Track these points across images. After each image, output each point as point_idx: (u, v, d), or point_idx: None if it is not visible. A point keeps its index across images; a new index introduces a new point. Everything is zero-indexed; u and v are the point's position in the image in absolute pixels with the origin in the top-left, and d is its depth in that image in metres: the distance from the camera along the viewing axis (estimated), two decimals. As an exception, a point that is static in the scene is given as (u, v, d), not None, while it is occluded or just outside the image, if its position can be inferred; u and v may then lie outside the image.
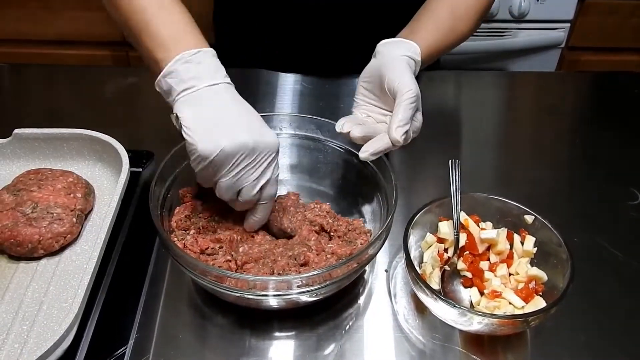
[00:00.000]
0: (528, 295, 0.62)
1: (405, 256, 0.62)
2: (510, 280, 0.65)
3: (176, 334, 0.64)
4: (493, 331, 0.60)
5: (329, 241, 0.68)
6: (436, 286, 0.63)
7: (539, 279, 0.64)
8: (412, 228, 0.66)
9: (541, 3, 1.71)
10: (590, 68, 1.83)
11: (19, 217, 0.69)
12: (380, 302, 0.68)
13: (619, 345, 0.64)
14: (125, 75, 1.04)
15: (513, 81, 1.14)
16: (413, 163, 0.88)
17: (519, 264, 0.66)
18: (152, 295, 0.67)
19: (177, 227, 0.67)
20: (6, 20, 1.75)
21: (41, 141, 0.79)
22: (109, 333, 0.62)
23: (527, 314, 0.58)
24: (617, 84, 1.09)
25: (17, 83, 1.08)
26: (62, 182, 0.73)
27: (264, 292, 0.57)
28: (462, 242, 0.67)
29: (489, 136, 0.97)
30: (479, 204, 0.70)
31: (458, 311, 0.58)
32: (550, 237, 0.65)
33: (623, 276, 0.71)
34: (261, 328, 0.64)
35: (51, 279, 0.66)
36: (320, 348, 0.63)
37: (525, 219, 0.67)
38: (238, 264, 0.63)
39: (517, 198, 0.68)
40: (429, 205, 0.68)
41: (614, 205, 0.81)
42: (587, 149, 0.92)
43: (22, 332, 0.60)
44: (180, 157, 0.67)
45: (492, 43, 1.78)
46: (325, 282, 0.58)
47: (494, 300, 0.63)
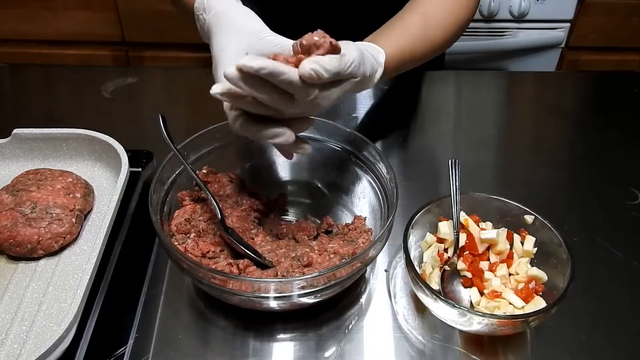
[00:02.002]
0: (528, 295, 0.62)
1: (405, 256, 0.62)
2: (510, 280, 0.65)
3: (176, 334, 0.64)
4: (493, 331, 0.60)
5: (330, 241, 0.68)
6: (436, 286, 0.63)
7: (539, 279, 0.64)
8: (412, 228, 0.65)
9: (541, 3, 1.71)
10: (590, 68, 1.83)
11: (18, 217, 0.69)
12: (380, 302, 0.67)
13: (619, 345, 0.64)
14: (124, 75, 1.04)
15: (513, 81, 1.14)
16: (413, 163, 0.88)
17: (519, 264, 0.66)
18: (152, 296, 0.67)
19: (177, 230, 0.67)
20: (6, 20, 1.76)
21: (40, 141, 0.79)
22: (108, 333, 0.62)
23: (527, 314, 0.58)
24: (617, 84, 1.08)
25: (17, 83, 1.07)
26: (62, 182, 0.73)
27: (267, 294, 0.57)
28: (462, 242, 0.67)
29: (489, 136, 0.97)
30: (479, 204, 0.70)
31: (458, 311, 0.58)
32: (551, 237, 0.65)
33: (623, 276, 0.71)
34: (261, 328, 0.64)
35: (50, 279, 0.66)
36: (320, 349, 0.62)
37: (525, 219, 0.67)
38: (240, 267, 0.63)
39: (517, 198, 0.68)
40: (428, 205, 0.68)
41: (614, 205, 0.81)
42: (587, 149, 0.92)
43: (21, 333, 0.60)
44: (178, 161, 0.67)
45: (492, 43, 1.78)
46: (330, 282, 0.58)
47: (493, 300, 0.63)
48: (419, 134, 0.95)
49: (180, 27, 1.67)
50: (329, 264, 0.63)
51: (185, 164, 0.67)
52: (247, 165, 0.77)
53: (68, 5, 1.72)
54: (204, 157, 0.73)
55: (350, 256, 0.64)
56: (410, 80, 1.04)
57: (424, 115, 1.00)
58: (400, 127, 0.95)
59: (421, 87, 1.04)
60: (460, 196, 0.68)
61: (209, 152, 0.73)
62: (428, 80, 1.04)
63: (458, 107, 1.03)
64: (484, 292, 0.64)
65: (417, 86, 1.04)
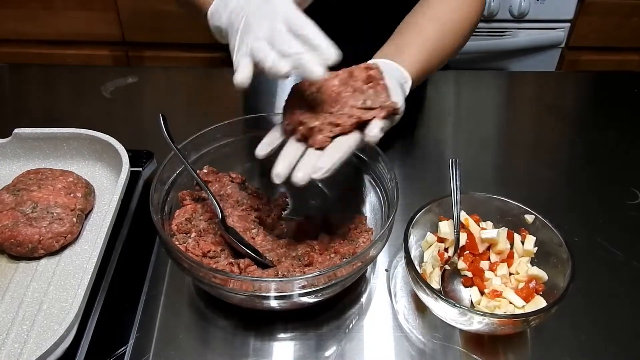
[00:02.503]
0: (528, 294, 0.62)
1: (406, 255, 0.62)
2: (511, 279, 0.65)
3: (176, 334, 0.64)
4: (493, 331, 0.60)
5: (330, 240, 0.68)
6: (437, 285, 0.63)
7: (540, 279, 0.64)
8: (412, 227, 0.66)
9: (541, 3, 1.71)
10: (590, 68, 1.83)
11: (19, 217, 0.69)
12: (380, 302, 0.68)
13: (619, 345, 0.64)
14: (125, 75, 1.04)
15: (513, 81, 1.14)
16: (413, 163, 0.88)
17: (520, 264, 0.66)
18: (152, 295, 0.67)
19: (178, 230, 0.67)
20: (6, 20, 1.75)
21: (41, 141, 0.79)
22: (109, 333, 0.62)
23: (528, 314, 0.58)
24: (617, 84, 1.08)
25: (17, 83, 1.08)
26: (62, 182, 0.73)
27: (268, 294, 0.57)
28: (462, 241, 0.67)
29: (489, 136, 0.97)
30: (479, 203, 0.70)
31: (458, 311, 0.58)
32: (551, 237, 0.65)
33: (623, 276, 0.71)
34: (262, 328, 0.64)
35: (51, 278, 0.66)
36: (321, 348, 0.63)
37: (526, 218, 0.67)
38: (241, 266, 0.63)
39: (517, 198, 0.68)
40: (429, 205, 0.68)
41: (614, 205, 0.81)
42: (587, 149, 0.92)
43: (22, 332, 0.60)
44: (179, 160, 0.68)
45: (492, 43, 1.78)
46: (330, 281, 0.58)
47: (494, 299, 0.63)
48: (419, 134, 0.96)
49: (180, 27, 1.67)
50: (329, 263, 0.63)
51: (186, 164, 0.67)
52: (247, 164, 0.77)
53: (68, 5, 1.72)
54: (205, 156, 0.73)
55: (350, 256, 0.64)
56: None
57: (424, 115, 1.00)
58: (400, 127, 0.95)
59: (421, 87, 1.04)
60: (461, 196, 0.68)
61: (209, 151, 0.73)
62: (428, 80, 1.05)
63: (458, 107, 1.03)
64: (484, 291, 0.64)
65: (418, 86, 1.04)
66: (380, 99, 0.58)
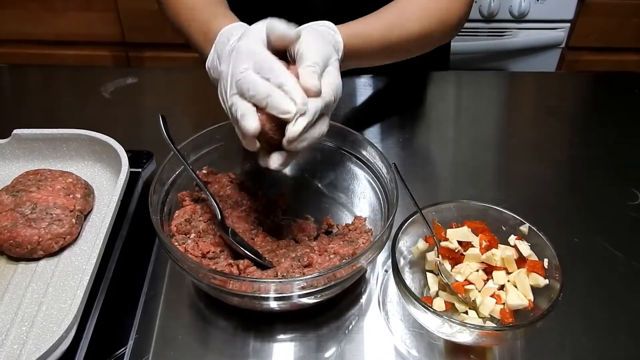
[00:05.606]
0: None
1: (393, 267, 0.61)
2: (507, 288, 0.64)
3: (176, 335, 0.64)
4: (477, 343, 0.59)
5: (330, 241, 0.68)
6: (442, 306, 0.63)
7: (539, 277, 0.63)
8: (399, 238, 0.65)
9: (541, 3, 1.71)
10: (590, 68, 1.83)
11: (18, 218, 0.68)
12: (380, 302, 0.67)
13: (619, 345, 0.64)
14: (124, 75, 1.04)
15: (513, 81, 1.14)
16: (413, 163, 0.88)
17: (518, 274, 0.64)
18: (152, 296, 0.67)
19: (178, 231, 0.67)
20: (6, 20, 1.76)
21: (40, 142, 0.79)
22: (108, 334, 0.62)
23: (513, 326, 0.58)
24: (617, 84, 1.08)
25: (17, 83, 1.08)
26: (62, 183, 0.73)
27: (268, 295, 0.57)
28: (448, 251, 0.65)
29: (489, 136, 0.97)
30: (474, 212, 0.68)
31: (440, 319, 0.57)
32: (543, 247, 0.63)
33: (623, 276, 0.71)
34: (261, 329, 0.64)
35: (50, 279, 0.66)
36: (321, 349, 0.62)
37: (521, 229, 0.66)
38: (240, 267, 0.63)
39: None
40: (411, 218, 0.66)
41: (614, 205, 0.81)
42: (587, 149, 0.92)
43: (21, 333, 0.60)
44: (178, 161, 0.67)
45: (492, 43, 1.78)
46: (330, 282, 0.58)
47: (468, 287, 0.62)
48: (420, 134, 0.95)
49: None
50: (329, 264, 0.63)
51: (185, 164, 0.67)
52: (247, 165, 0.77)
53: (68, 5, 1.72)
54: (204, 157, 0.73)
55: (350, 256, 0.64)
56: (410, 80, 1.04)
57: (424, 115, 1.00)
58: (400, 127, 0.95)
59: (421, 87, 1.04)
60: (454, 204, 0.67)
61: (209, 152, 0.73)
62: (428, 81, 1.04)
63: (458, 107, 1.03)
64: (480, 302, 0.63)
65: (417, 86, 1.04)
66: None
